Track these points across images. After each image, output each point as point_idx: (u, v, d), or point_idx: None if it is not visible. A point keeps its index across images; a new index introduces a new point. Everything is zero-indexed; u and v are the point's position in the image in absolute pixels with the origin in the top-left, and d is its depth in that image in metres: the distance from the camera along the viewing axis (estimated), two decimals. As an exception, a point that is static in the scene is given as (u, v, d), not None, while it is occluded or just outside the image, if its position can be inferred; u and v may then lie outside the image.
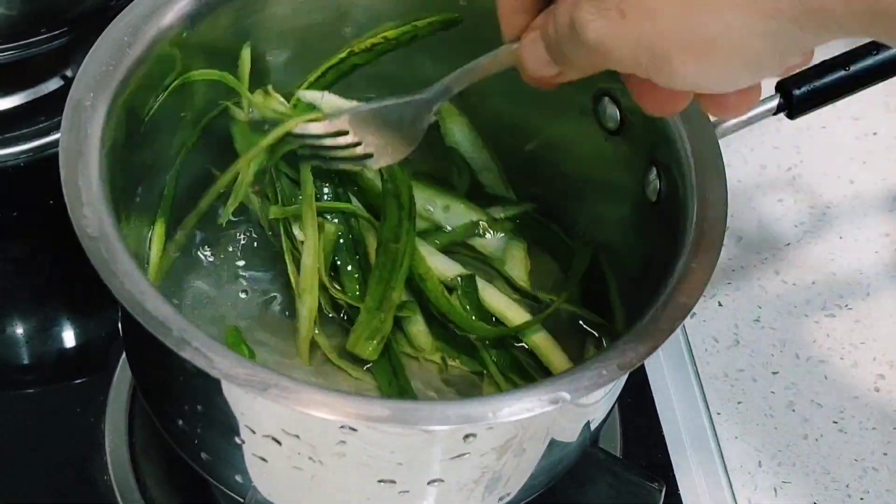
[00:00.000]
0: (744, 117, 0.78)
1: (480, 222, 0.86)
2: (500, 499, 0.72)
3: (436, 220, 0.86)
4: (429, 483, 0.69)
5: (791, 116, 0.80)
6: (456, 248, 0.86)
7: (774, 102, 0.79)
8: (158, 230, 0.81)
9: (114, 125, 0.71)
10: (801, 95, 0.79)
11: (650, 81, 0.58)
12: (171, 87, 0.78)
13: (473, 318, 0.81)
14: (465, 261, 0.85)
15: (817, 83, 0.80)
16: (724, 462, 0.86)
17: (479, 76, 0.73)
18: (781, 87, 0.80)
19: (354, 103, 0.81)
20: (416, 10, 0.83)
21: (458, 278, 0.82)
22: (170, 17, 0.76)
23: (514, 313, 0.82)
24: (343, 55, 0.83)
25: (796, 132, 1.04)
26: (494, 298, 0.82)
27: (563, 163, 0.86)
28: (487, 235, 0.86)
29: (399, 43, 0.84)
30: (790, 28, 0.53)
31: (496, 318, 0.82)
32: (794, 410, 0.89)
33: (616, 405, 0.84)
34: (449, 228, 0.86)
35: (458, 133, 0.88)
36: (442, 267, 0.83)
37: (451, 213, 0.86)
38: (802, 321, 0.93)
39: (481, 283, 0.83)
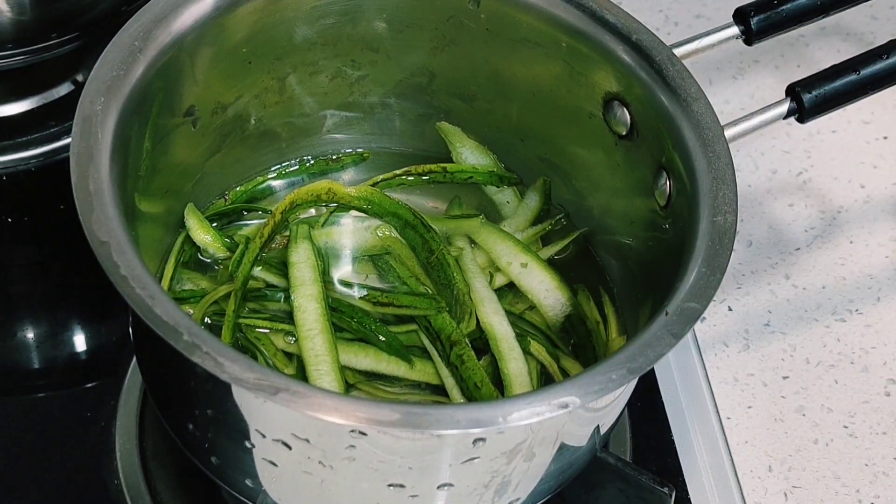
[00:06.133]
0: (754, 122, 0.78)
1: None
2: (510, 503, 0.72)
3: (513, 277, 0.84)
4: (438, 487, 0.69)
5: (801, 121, 0.80)
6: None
7: (785, 107, 0.79)
8: (178, 242, 0.81)
9: (124, 129, 0.72)
10: (811, 100, 0.79)
11: None
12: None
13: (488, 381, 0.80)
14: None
15: (827, 87, 0.80)
16: (734, 467, 0.86)
17: None
18: (792, 92, 0.80)
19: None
20: (425, 13, 0.83)
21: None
22: (180, 21, 0.76)
23: (521, 387, 0.79)
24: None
25: (807, 136, 1.04)
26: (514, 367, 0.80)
27: (573, 168, 0.86)
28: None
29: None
30: None
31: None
32: (804, 415, 0.89)
33: (626, 410, 0.84)
34: (524, 286, 0.84)
35: (470, 156, 0.88)
36: (500, 329, 0.81)
37: (528, 270, 0.84)
38: (813, 326, 0.93)
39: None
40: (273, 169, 0.88)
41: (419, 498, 0.69)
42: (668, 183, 0.77)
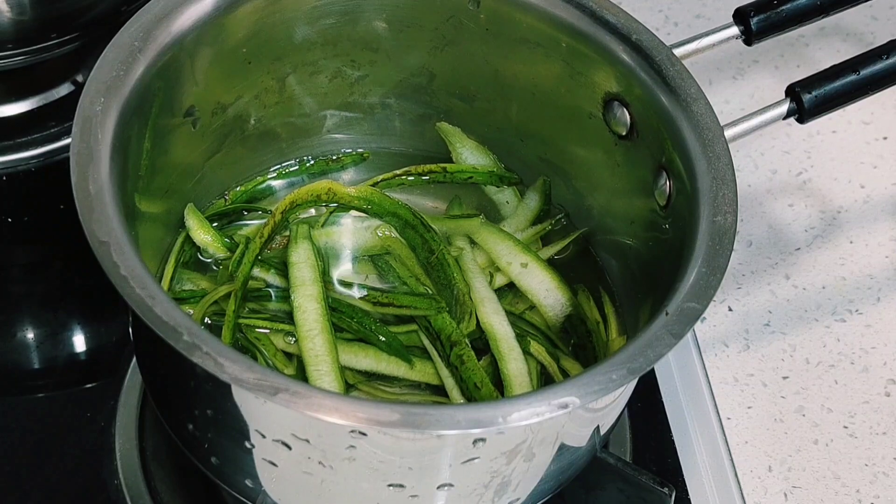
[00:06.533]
0: (754, 122, 0.78)
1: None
2: (510, 503, 0.72)
3: (513, 277, 0.84)
4: (438, 487, 0.69)
5: (801, 121, 0.80)
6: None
7: (784, 107, 0.79)
8: (178, 242, 0.82)
9: (124, 130, 0.72)
10: (811, 100, 0.79)
11: None
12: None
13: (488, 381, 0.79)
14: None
15: (827, 87, 0.80)
16: (734, 467, 0.86)
17: None
18: (792, 92, 0.80)
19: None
20: (425, 13, 0.83)
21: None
22: (180, 21, 0.76)
23: (521, 387, 0.79)
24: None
25: (806, 137, 1.04)
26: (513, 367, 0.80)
27: (573, 168, 0.86)
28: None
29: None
30: None
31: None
32: (804, 415, 0.89)
33: (626, 410, 0.84)
34: (524, 286, 0.84)
35: (470, 156, 0.88)
36: (500, 329, 0.81)
37: (529, 270, 0.84)
38: (813, 326, 0.93)
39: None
40: (273, 169, 0.88)
41: (419, 498, 0.69)
42: (668, 183, 0.77)
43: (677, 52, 0.79)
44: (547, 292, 0.83)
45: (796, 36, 1.09)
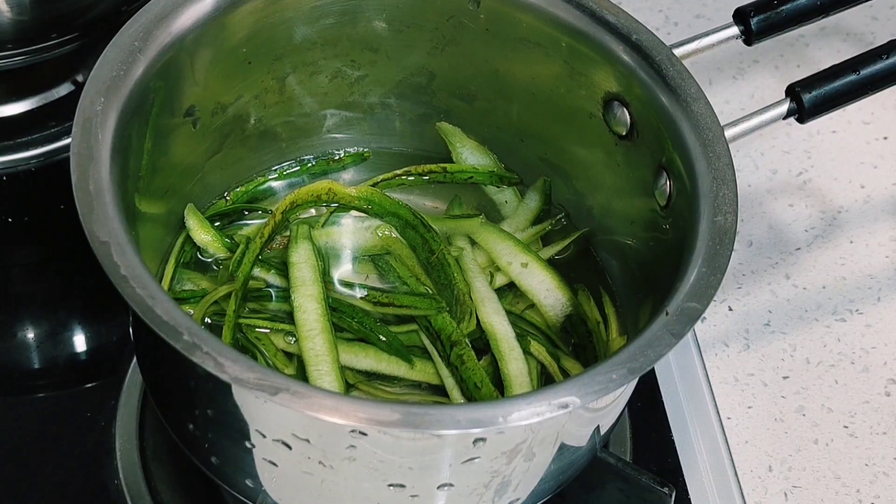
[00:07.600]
0: (754, 122, 0.78)
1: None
2: (510, 503, 0.72)
3: (513, 277, 0.84)
4: (438, 487, 0.69)
5: (801, 121, 0.80)
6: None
7: (785, 107, 0.79)
8: (179, 243, 0.82)
9: (125, 129, 0.72)
10: (811, 100, 0.79)
11: None
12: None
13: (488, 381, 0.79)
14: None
15: (827, 87, 0.80)
16: (734, 466, 0.86)
17: None
18: (792, 92, 0.80)
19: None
20: (425, 13, 0.83)
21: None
22: (180, 21, 0.76)
23: (521, 387, 0.79)
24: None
25: (807, 137, 1.04)
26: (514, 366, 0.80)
27: (573, 168, 0.86)
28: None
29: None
30: None
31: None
32: (804, 415, 0.89)
33: (626, 410, 0.84)
34: (524, 286, 0.84)
35: (470, 156, 0.88)
36: (501, 329, 0.81)
37: (529, 269, 0.84)
38: (813, 326, 0.93)
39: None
40: (273, 169, 0.88)
41: (419, 498, 0.69)
42: (668, 183, 0.77)
43: (677, 51, 0.79)
44: (547, 292, 0.83)
45: (796, 36, 1.09)
